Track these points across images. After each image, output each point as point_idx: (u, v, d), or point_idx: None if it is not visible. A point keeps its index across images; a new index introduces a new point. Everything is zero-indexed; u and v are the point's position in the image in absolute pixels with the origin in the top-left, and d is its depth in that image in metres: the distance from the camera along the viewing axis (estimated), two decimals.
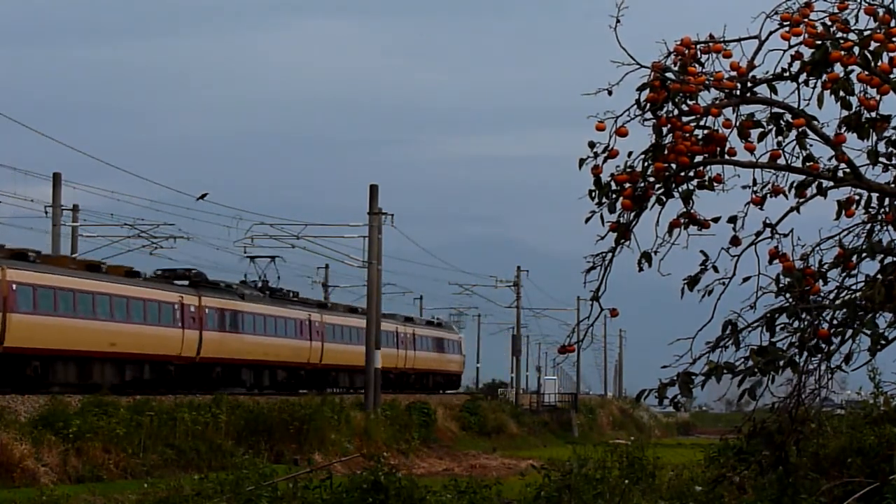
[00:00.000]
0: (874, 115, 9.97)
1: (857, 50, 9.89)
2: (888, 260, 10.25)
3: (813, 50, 9.93)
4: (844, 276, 10.39)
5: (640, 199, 10.02)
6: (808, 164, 10.20)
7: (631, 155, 9.98)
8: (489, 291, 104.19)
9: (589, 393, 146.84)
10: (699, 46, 10.08)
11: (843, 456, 16.02)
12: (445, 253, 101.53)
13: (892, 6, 10.06)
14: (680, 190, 10.08)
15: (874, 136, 10.07)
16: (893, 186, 10.30)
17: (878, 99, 9.88)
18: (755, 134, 10.12)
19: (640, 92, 9.91)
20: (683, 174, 10.01)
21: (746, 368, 10.04)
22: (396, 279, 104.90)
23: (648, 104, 9.91)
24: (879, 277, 10.17)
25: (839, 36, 9.97)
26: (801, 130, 10.11)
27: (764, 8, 10.10)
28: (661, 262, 10.12)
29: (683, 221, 10.12)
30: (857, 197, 10.39)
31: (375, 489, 20.76)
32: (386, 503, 20.68)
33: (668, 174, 9.96)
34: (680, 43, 10.04)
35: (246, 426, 48.64)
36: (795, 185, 10.32)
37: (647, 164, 9.97)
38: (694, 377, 10.06)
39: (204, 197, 59.98)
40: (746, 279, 10.37)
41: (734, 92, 10.04)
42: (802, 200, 10.36)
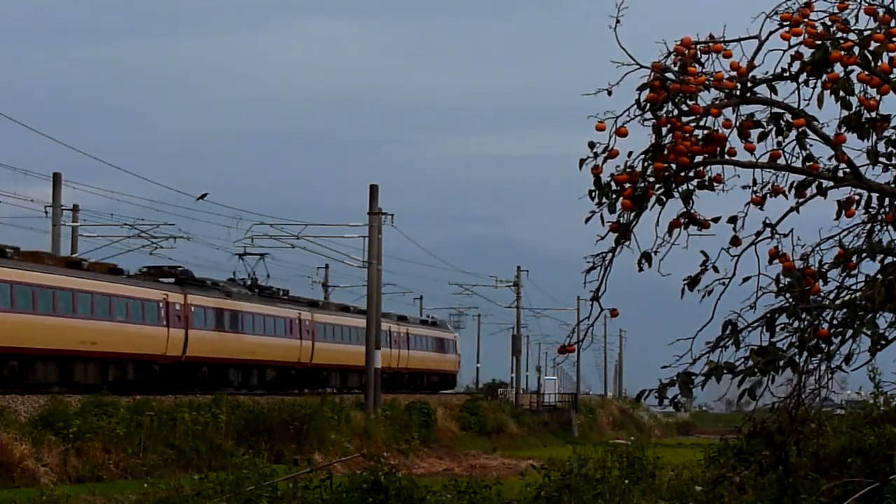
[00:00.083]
0: (874, 115, 9.97)
1: (857, 50, 9.89)
2: (888, 260, 10.24)
3: (813, 50, 9.93)
4: (844, 276, 10.39)
5: (640, 199, 10.02)
6: (808, 164, 10.20)
7: (631, 155, 9.99)
8: (489, 291, 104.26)
9: (589, 393, 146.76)
10: (699, 46, 10.08)
11: (843, 456, 16.01)
12: (445, 253, 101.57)
13: (892, 6, 10.05)
14: (680, 190, 10.08)
15: (874, 136, 10.07)
16: (893, 186, 10.30)
17: (878, 99, 9.88)
18: (755, 134, 10.12)
19: (639, 92, 9.91)
20: (683, 174, 10.00)
21: (746, 368, 10.03)
22: (396, 279, 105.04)
23: (648, 104, 9.91)
24: (879, 277, 10.17)
25: (839, 36, 9.97)
26: (801, 130, 10.11)
27: (764, 8, 10.11)
28: (661, 262, 10.13)
29: (683, 221, 10.12)
30: (857, 197, 10.38)
31: (375, 489, 20.76)
32: (386, 503, 20.68)
33: (667, 174, 9.96)
34: (680, 43, 10.04)
35: (246, 426, 48.60)
36: (795, 185, 10.32)
37: (646, 164, 9.97)
38: (694, 377, 10.06)
39: (204, 197, 59.99)
40: (746, 279, 10.37)
41: (734, 92, 10.04)
42: (802, 200, 10.35)
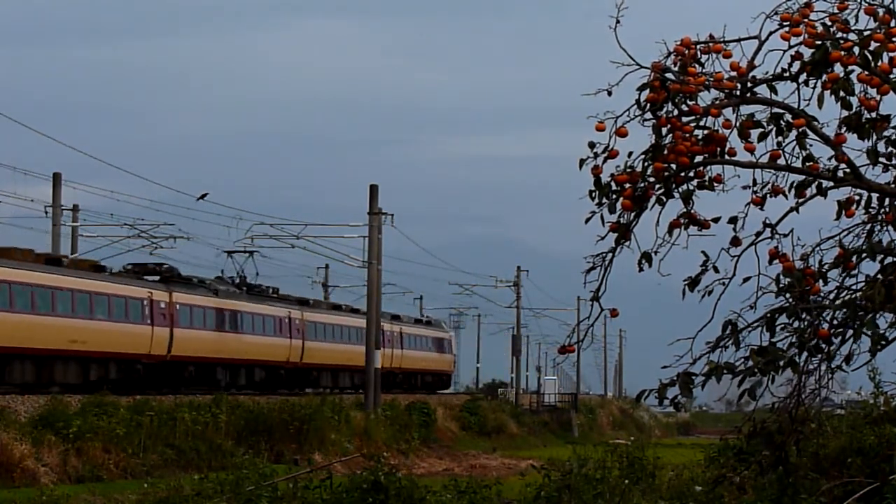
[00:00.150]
0: (874, 115, 9.97)
1: (857, 50, 9.89)
2: (888, 260, 10.25)
3: (813, 50, 9.93)
4: (844, 276, 10.39)
5: (640, 199, 10.02)
6: (808, 164, 10.20)
7: (631, 155, 9.99)
8: (489, 291, 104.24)
9: (589, 393, 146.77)
10: (699, 47, 10.08)
11: (843, 456, 16.01)
12: (445, 253, 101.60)
13: (892, 6, 10.06)
14: (680, 190, 10.08)
15: (874, 136, 10.07)
16: (893, 186, 10.30)
17: (878, 99, 9.88)
18: (755, 134, 10.12)
19: (639, 92, 9.91)
20: (683, 174, 10.01)
21: (746, 368, 10.04)
22: (396, 279, 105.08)
23: (648, 104, 9.91)
24: (879, 277, 10.17)
25: (839, 36, 9.97)
26: (801, 130, 10.11)
27: (764, 8, 10.11)
28: (661, 262, 10.13)
29: (683, 222, 10.12)
30: (857, 197, 10.39)
31: (375, 489, 20.76)
32: (386, 503, 20.68)
33: (667, 174, 9.96)
34: (680, 43, 10.04)
35: (246, 426, 48.61)
36: (795, 185, 10.32)
37: (646, 164, 9.97)
38: (694, 377, 10.06)
39: (204, 197, 59.97)
40: (746, 279, 10.37)
41: (734, 92, 10.04)
42: (802, 200, 10.36)
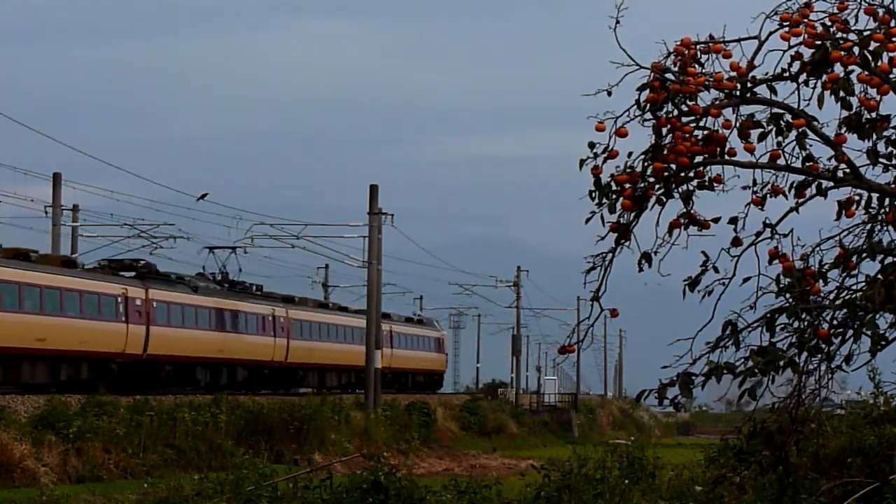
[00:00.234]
0: (874, 115, 9.97)
1: (857, 50, 9.89)
2: (888, 260, 10.25)
3: (813, 50, 9.93)
4: (844, 276, 10.39)
5: (640, 199, 10.02)
6: (808, 164, 10.20)
7: (631, 155, 9.99)
8: (489, 291, 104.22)
9: (589, 393, 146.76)
10: (699, 47, 10.09)
11: (843, 456, 16.01)
12: (445, 253, 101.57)
13: (892, 6, 10.06)
14: (680, 190, 10.09)
15: (874, 136, 10.07)
16: (893, 186, 10.30)
17: (878, 99, 9.89)
18: (755, 134, 10.12)
19: (639, 92, 9.92)
20: (683, 174, 10.01)
21: (746, 369, 10.04)
22: (396, 279, 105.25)
23: (648, 105, 9.91)
24: (879, 278, 10.17)
25: (839, 36, 9.97)
26: (801, 131, 10.11)
27: (764, 8, 10.11)
28: (661, 262, 10.13)
29: (683, 222, 10.12)
30: (857, 197, 10.39)
31: (375, 489, 20.76)
32: (386, 503, 20.68)
33: (667, 174, 9.97)
34: (680, 43, 10.04)
35: (246, 426, 48.60)
36: (795, 185, 10.32)
37: (646, 164, 9.98)
38: (694, 377, 10.06)
39: (204, 197, 60.00)
40: (746, 279, 10.37)
41: (734, 92, 10.04)
42: (802, 201, 10.36)
